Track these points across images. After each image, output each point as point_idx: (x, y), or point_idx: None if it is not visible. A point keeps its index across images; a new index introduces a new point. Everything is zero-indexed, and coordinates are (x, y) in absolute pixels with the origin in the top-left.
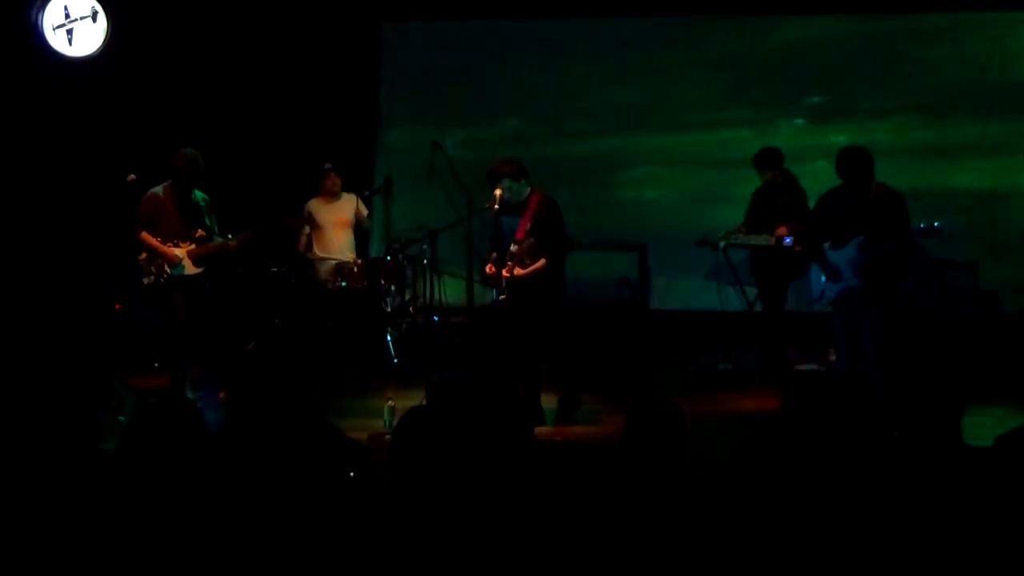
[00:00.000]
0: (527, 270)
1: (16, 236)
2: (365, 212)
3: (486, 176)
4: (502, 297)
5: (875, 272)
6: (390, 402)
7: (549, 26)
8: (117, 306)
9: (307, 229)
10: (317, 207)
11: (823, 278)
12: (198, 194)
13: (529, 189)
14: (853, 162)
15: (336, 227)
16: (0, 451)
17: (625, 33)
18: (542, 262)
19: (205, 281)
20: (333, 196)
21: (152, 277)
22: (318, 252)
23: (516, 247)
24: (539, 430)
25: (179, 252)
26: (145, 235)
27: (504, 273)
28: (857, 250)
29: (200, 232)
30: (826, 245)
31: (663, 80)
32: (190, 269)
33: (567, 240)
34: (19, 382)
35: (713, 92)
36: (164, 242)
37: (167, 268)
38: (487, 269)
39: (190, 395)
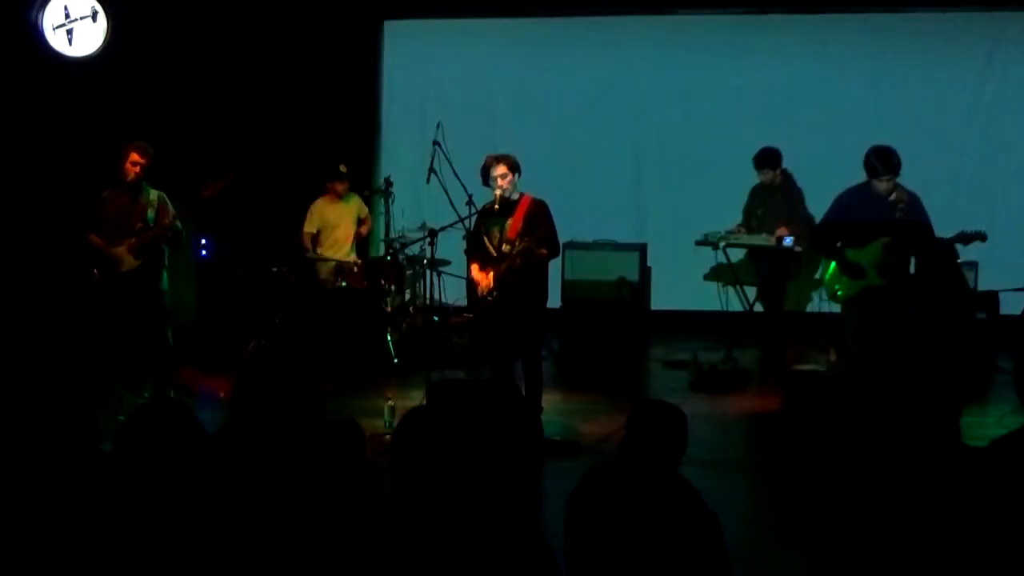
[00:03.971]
0: (537, 252)
1: (16, 236)
2: (366, 212)
3: (483, 168)
4: (493, 296)
5: (900, 273)
6: (390, 402)
7: (549, 25)
8: None
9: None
10: (324, 207)
11: (827, 275)
12: (151, 191)
13: (519, 191)
14: (884, 161)
15: (342, 228)
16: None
17: (625, 32)
18: (544, 252)
19: (160, 280)
20: (340, 197)
21: (99, 281)
22: (322, 252)
23: (508, 247)
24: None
25: (120, 251)
26: (92, 237)
27: (492, 274)
28: (883, 251)
29: (139, 225)
30: (838, 244)
31: (664, 79)
32: (129, 264)
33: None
34: (19, 382)
35: (715, 90)
36: (107, 243)
37: (120, 269)
38: (475, 276)
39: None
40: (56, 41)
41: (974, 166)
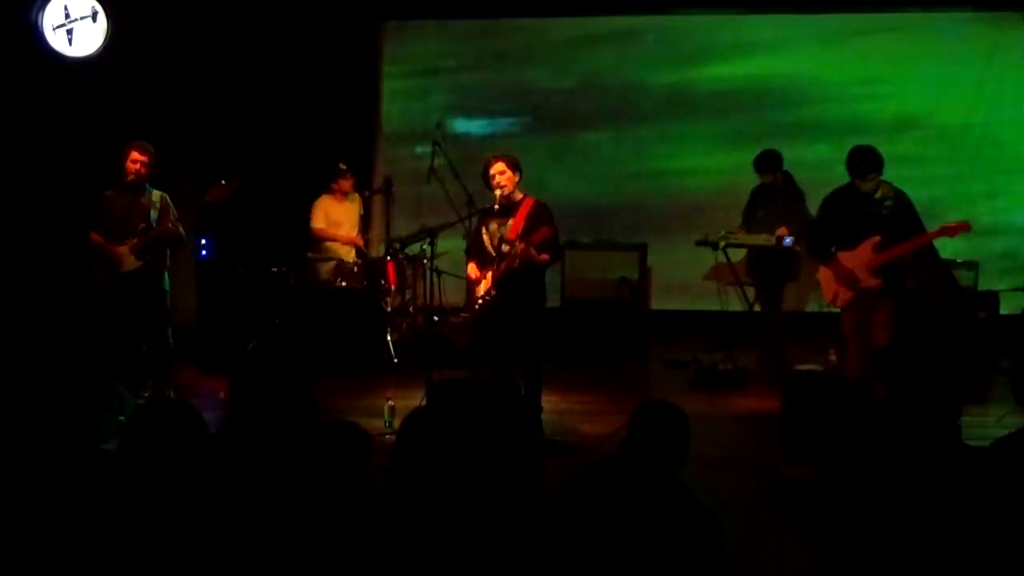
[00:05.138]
0: (539, 258)
1: (16, 235)
2: (360, 212)
3: (482, 169)
4: (491, 296)
5: (892, 270)
6: (390, 402)
7: (548, 25)
8: None
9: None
10: (329, 205)
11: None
12: (153, 191)
13: (520, 192)
14: (867, 161)
15: (346, 227)
16: (0, 451)
17: (624, 32)
18: (546, 257)
19: (161, 281)
20: (344, 196)
21: (101, 280)
22: (323, 251)
23: (509, 247)
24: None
25: (122, 250)
26: (94, 236)
27: (491, 274)
28: (873, 251)
29: (142, 225)
30: (832, 248)
31: (664, 79)
32: (131, 264)
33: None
34: (19, 382)
35: (716, 90)
36: (109, 242)
37: (122, 269)
38: (471, 275)
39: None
40: (56, 41)
41: (974, 166)
